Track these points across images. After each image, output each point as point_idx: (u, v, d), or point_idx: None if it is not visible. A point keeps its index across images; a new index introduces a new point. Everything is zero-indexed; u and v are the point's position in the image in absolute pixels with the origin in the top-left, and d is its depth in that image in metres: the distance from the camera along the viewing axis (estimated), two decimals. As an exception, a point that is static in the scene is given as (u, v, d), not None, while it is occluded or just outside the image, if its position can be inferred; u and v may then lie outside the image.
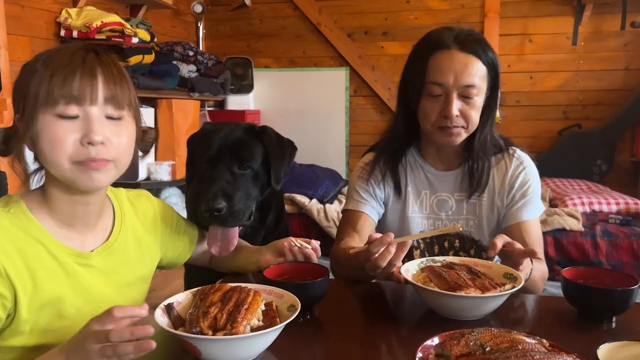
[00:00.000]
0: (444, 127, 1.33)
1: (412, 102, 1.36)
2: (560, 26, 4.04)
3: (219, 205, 1.25)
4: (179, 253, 1.28)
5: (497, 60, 1.35)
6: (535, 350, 0.74)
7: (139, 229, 1.15)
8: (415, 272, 1.14)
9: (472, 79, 1.29)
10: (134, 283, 1.11)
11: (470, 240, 1.44)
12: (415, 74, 1.34)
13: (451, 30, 1.34)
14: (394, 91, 4.39)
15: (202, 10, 4.31)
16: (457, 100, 1.30)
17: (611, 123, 3.92)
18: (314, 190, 3.51)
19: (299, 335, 0.99)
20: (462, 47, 1.30)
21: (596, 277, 1.12)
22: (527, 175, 1.41)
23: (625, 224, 2.88)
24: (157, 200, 1.24)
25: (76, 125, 0.91)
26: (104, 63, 0.94)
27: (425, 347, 0.79)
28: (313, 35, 4.51)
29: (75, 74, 0.90)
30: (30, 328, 0.93)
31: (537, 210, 1.42)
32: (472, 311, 1.04)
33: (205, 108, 4.26)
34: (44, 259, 0.95)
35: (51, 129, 0.90)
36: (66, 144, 0.91)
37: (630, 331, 1.01)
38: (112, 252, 1.06)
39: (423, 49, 1.36)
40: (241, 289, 0.94)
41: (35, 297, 0.93)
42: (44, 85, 0.90)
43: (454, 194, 1.44)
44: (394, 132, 1.48)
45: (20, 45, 2.68)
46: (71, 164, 0.92)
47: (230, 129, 1.38)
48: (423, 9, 4.28)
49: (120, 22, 2.98)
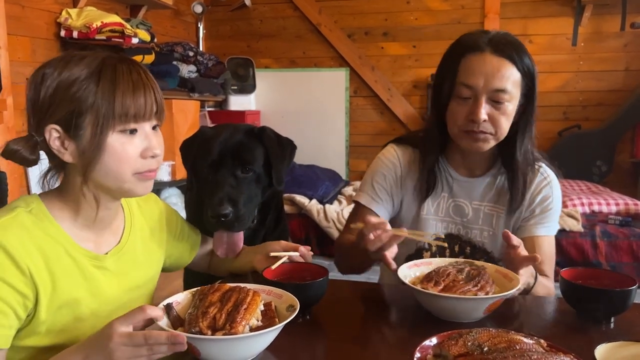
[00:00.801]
0: (471, 131, 1.28)
1: (443, 104, 1.32)
2: (560, 27, 4.05)
3: (226, 210, 1.25)
4: (180, 257, 1.29)
5: (534, 67, 1.30)
6: (533, 350, 0.74)
7: (145, 231, 1.16)
8: (412, 276, 1.14)
9: (504, 83, 1.24)
10: (143, 285, 1.13)
11: (481, 250, 1.42)
12: (447, 75, 1.31)
13: (486, 34, 1.30)
14: (394, 91, 4.39)
15: (202, 11, 4.31)
16: (486, 104, 1.26)
17: (611, 124, 3.92)
18: (313, 191, 3.51)
19: (298, 335, 0.99)
20: (495, 50, 1.26)
21: (595, 278, 1.12)
22: (550, 192, 1.39)
23: (625, 225, 2.88)
24: (163, 203, 1.26)
25: (137, 139, 0.97)
26: (150, 77, 0.99)
27: (423, 347, 0.80)
28: (313, 36, 4.52)
29: (138, 91, 0.95)
30: (47, 329, 0.94)
31: (553, 228, 1.40)
32: (467, 314, 1.04)
33: (205, 108, 4.27)
34: (63, 261, 0.96)
35: (121, 145, 0.95)
36: (133, 158, 0.96)
37: (629, 332, 1.02)
38: (123, 254, 1.08)
39: (456, 50, 1.32)
40: (240, 289, 0.94)
41: (54, 298, 0.94)
42: (108, 103, 0.92)
43: (472, 201, 1.41)
44: (428, 137, 1.42)
45: (20, 45, 2.69)
46: (132, 175, 0.97)
47: (230, 133, 1.37)
48: (423, 10, 4.29)
49: (120, 23, 2.99)
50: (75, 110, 0.92)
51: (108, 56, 0.97)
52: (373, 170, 1.48)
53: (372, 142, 4.47)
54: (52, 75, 0.93)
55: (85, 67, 0.93)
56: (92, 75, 0.93)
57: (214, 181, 1.31)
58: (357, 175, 4.51)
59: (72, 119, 0.92)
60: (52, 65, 0.94)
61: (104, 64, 0.94)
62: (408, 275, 1.14)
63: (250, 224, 1.34)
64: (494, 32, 1.31)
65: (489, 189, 1.42)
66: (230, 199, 1.27)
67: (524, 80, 1.28)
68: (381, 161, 1.48)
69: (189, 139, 1.44)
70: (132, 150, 0.96)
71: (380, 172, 1.46)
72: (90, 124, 0.92)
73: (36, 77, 0.94)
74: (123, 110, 0.93)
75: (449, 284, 1.05)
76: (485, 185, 1.42)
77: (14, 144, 0.94)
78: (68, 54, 0.98)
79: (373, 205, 1.44)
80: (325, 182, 3.72)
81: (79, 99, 0.92)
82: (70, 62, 0.94)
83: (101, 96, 0.92)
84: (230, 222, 1.26)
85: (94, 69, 0.93)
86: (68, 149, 0.94)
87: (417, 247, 1.43)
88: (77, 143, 0.94)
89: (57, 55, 1.09)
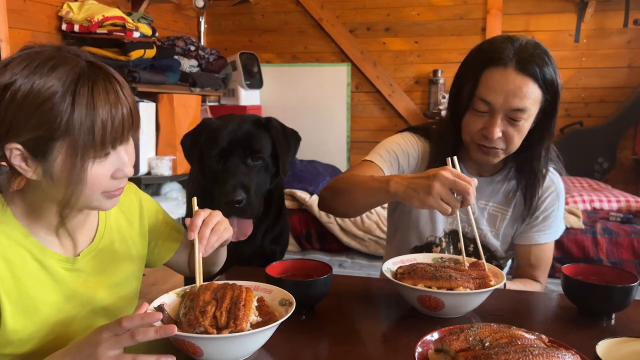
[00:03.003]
0: (482, 145, 1.27)
1: (461, 109, 1.29)
2: (563, 23, 4.03)
3: (239, 197, 1.27)
4: (160, 252, 1.21)
5: (558, 82, 1.24)
6: (535, 345, 0.74)
7: (123, 225, 1.10)
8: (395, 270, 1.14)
9: (523, 102, 1.20)
10: (124, 281, 1.09)
11: (485, 248, 1.41)
12: (466, 84, 1.27)
13: (513, 43, 1.23)
14: (395, 87, 4.38)
15: (203, 5, 4.30)
16: (502, 121, 1.23)
17: (613, 121, 3.91)
18: (315, 186, 3.50)
19: (299, 332, 0.99)
20: (519, 67, 1.20)
21: (596, 274, 1.12)
22: (555, 200, 1.39)
23: (626, 222, 2.88)
24: (143, 194, 1.18)
25: (109, 160, 0.90)
26: (126, 91, 0.90)
27: (424, 342, 0.80)
28: (315, 31, 4.51)
29: (117, 113, 0.86)
30: (20, 337, 0.91)
31: (555, 233, 1.41)
32: (455, 309, 1.04)
33: (207, 103, 4.26)
34: (30, 266, 0.92)
35: (95, 171, 0.87)
36: (104, 181, 0.90)
37: (630, 328, 1.02)
38: (98, 252, 1.03)
39: (479, 59, 1.26)
40: (232, 286, 0.93)
41: (20, 304, 0.90)
42: (87, 133, 0.83)
43: (478, 200, 1.40)
44: (443, 139, 1.38)
45: (22, 38, 2.68)
46: (100, 194, 0.91)
47: (238, 122, 1.39)
48: (425, 5, 4.27)
49: (121, 17, 2.98)
50: (46, 136, 0.82)
51: (82, 71, 0.85)
52: (391, 142, 1.42)
53: (373, 138, 4.47)
54: (13, 85, 0.81)
55: (56, 80, 0.82)
56: (66, 95, 0.82)
57: (225, 169, 1.33)
58: (358, 170, 4.51)
59: (41, 144, 0.83)
60: (13, 72, 0.82)
61: (79, 82, 0.84)
62: (390, 270, 1.14)
63: (259, 212, 1.37)
64: (521, 42, 1.23)
65: (497, 190, 1.41)
66: (243, 186, 1.29)
67: (544, 96, 1.23)
68: (402, 139, 1.42)
69: (194, 130, 1.45)
70: (104, 174, 0.89)
71: (399, 145, 1.41)
72: (64, 152, 0.84)
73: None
74: (102, 139, 0.85)
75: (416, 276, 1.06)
76: (493, 186, 1.41)
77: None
78: (28, 55, 0.85)
79: (383, 165, 1.36)
80: (326, 177, 3.71)
81: (50, 122, 0.82)
82: (35, 70, 0.82)
83: (79, 123, 0.82)
84: (243, 208, 1.28)
85: (67, 87, 0.83)
86: (31, 168, 0.86)
87: (427, 240, 1.43)
88: (44, 166, 0.85)
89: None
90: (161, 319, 0.80)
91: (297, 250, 3.11)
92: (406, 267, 1.11)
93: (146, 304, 0.82)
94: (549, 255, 1.42)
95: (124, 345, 0.76)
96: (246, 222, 1.33)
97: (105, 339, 0.76)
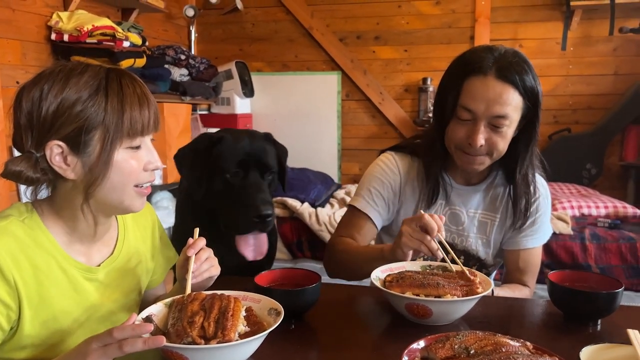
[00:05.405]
0: (467, 153, 1.29)
1: (444, 118, 1.32)
2: (550, 31, 4.08)
3: (269, 211, 1.29)
4: (154, 273, 1.23)
5: (538, 88, 1.27)
6: (519, 352, 0.75)
7: (138, 241, 1.15)
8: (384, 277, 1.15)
9: (504, 109, 1.23)
10: (130, 293, 1.11)
11: (475, 258, 1.44)
12: (449, 93, 1.29)
13: (493, 53, 1.26)
14: (385, 95, 4.41)
15: (194, 14, 4.31)
16: (485, 128, 1.25)
17: (600, 127, 3.95)
18: (305, 194, 3.51)
19: (288, 341, 0.99)
20: (499, 75, 1.23)
21: (582, 281, 1.13)
22: (541, 205, 1.41)
23: (614, 228, 2.90)
24: (155, 215, 1.24)
25: (141, 153, 0.98)
26: (148, 90, 1.00)
27: (411, 351, 0.80)
28: (305, 40, 4.53)
29: (144, 105, 0.96)
30: (32, 342, 0.93)
31: (542, 237, 1.43)
32: (443, 316, 1.05)
33: (197, 112, 4.26)
34: (55, 273, 0.95)
35: (128, 160, 0.96)
36: (137, 171, 0.98)
37: (615, 334, 1.03)
38: (115, 265, 1.06)
39: (460, 69, 1.29)
40: (220, 296, 0.93)
41: (40, 311, 0.92)
42: (118, 119, 0.92)
43: (468, 209, 1.42)
44: (431, 150, 1.40)
45: (10, 48, 2.67)
46: (133, 188, 0.98)
47: (249, 138, 1.42)
48: (415, 14, 4.31)
49: (111, 26, 2.98)
50: (84, 127, 0.91)
51: (110, 70, 0.97)
52: (370, 176, 1.47)
53: (364, 146, 4.48)
54: (52, 91, 0.91)
55: (88, 81, 0.93)
56: (99, 90, 0.92)
57: (247, 184, 1.34)
58: (349, 178, 4.51)
59: (80, 136, 0.91)
60: (51, 80, 0.92)
61: (108, 79, 0.94)
62: (379, 278, 1.15)
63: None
64: (500, 51, 1.27)
65: (484, 197, 1.43)
66: (268, 201, 1.32)
67: (525, 103, 1.26)
68: (380, 167, 1.47)
69: (194, 144, 1.46)
70: (137, 164, 0.97)
71: (378, 178, 1.45)
72: (99, 140, 0.92)
73: (33, 92, 0.91)
74: (131, 126, 0.94)
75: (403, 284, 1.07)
76: (480, 194, 1.43)
77: (15, 165, 0.91)
78: (63, 66, 0.95)
79: (369, 210, 1.43)
80: (317, 185, 3.71)
81: (87, 115, 0.91)
82: (70, 76, 0.92)
83: (111, 112, 0.92)
84: (270, 222, 1.30)
85: (99, 84, 0.93)
86: (71, 165, 0.93)
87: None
88: (83, 160, 0.92)
89: (48, 58, 1.08)
90: (151, 330, 0.80)
91: (289, 258, 3.10)
92: (395, 275, 1.12)
93: (135, 315, 0.83)
94: (537, 260, 1.44)
95: (112, 356, 0.77)
96: (262, 239, 1.35)
97: (95, 350, 0.76)
